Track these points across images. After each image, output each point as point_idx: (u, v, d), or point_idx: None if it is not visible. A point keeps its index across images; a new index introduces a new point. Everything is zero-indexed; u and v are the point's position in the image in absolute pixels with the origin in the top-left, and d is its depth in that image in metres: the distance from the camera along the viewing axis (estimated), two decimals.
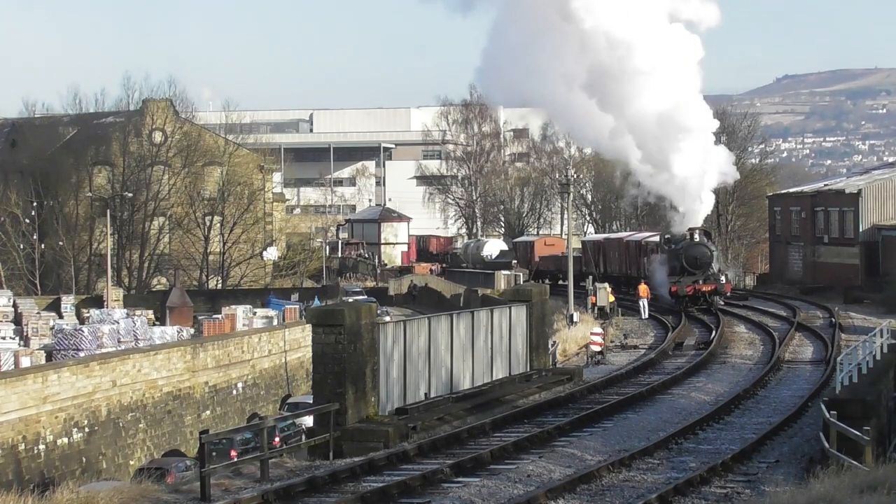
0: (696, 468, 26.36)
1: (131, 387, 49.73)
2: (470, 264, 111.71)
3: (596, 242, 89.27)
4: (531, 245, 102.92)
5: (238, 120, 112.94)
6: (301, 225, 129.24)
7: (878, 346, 35.08)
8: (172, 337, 62.70)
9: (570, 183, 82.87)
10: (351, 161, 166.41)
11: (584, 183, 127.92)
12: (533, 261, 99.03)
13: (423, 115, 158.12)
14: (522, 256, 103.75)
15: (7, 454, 42.51)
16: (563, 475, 26.07)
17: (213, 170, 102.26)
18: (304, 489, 24.86)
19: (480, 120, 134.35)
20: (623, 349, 53.82)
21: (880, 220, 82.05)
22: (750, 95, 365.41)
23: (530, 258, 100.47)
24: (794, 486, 23.39)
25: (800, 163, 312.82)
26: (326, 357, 31.24)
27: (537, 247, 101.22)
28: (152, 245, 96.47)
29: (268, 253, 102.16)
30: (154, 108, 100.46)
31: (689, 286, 64.42)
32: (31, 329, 67.22)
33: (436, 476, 25.65)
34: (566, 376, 42.12)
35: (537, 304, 42.46)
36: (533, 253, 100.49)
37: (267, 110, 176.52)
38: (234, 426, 47.58)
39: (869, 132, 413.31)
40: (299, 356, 62.24)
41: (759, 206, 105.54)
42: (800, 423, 32.67)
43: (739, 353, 49.94)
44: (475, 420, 33.43)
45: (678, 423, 32.50)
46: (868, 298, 71.35)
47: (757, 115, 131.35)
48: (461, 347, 36.74)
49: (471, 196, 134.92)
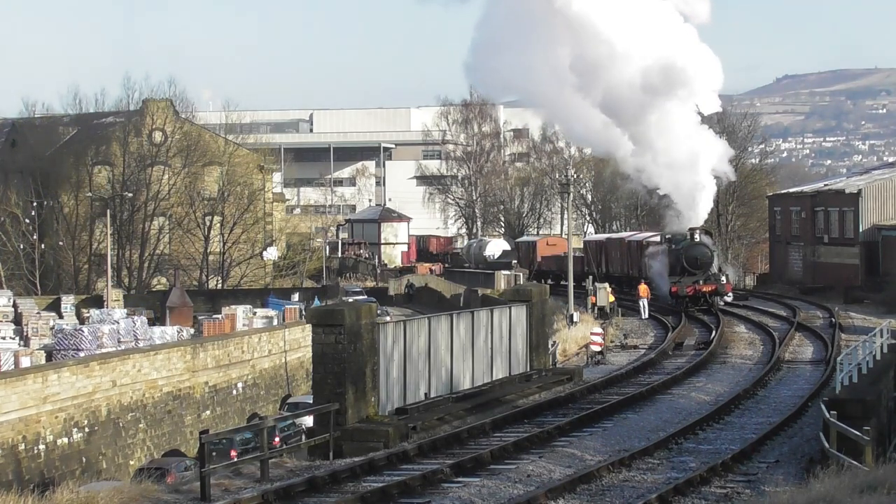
0: (696, 468, 26.36)
1: (131, 387, 49.72)
2: (472, 264, 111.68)
3: (598, 242, 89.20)
4: (533, 245, 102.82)
5: (238, 120, 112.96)
6: (301, 225, 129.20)
7: (878, 346, 35.10)
8: (172, 337, 62.68)
9: (570, 183, 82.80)
10: (351, 161, 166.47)
11: (584, 183, 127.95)
12: (535, 261, 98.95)
13: (423, 115, 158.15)
14: (524, 256, 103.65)
15: (7, 454, 42.50)
16: (563, 475, 26.06)
17: (213, 170, 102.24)
18: (304, 489, 24.86)
19: (480, 120, 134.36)
20: (623, 349, 53.81)
21: (880, 220, 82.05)
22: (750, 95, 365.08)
23: (532, 258, 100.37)
24: (794, 486, 23.39)
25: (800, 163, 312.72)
26: (326, 357, 31.24)
27: (539, 247, 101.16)
28: (152, 245, 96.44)
29: (268, 253, 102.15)
30: (154, 108, 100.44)
31: (689, 287, 64.07)
32: (31, 329, 67.22)
33: (436, 476, 25.65)
34: (566, 376, 42.12)
35: (537, 304, 42.46)
36: (535, 253, 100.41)
37: (267, 110, 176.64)
38: (234, 426, 47.59)
39: (869, 132, 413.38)
40: (299, 356, 62.24)
41: (759, 206, 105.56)
42: (800, 423, 32.67)
43: (739, 353, 49.93)
44: (475, 420, 33.42)
45: (678, 423, 32.49)
46: (868, 298, 71.36)
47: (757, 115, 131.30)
48: (461, 347, 36.74)
49: (471, 196, 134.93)
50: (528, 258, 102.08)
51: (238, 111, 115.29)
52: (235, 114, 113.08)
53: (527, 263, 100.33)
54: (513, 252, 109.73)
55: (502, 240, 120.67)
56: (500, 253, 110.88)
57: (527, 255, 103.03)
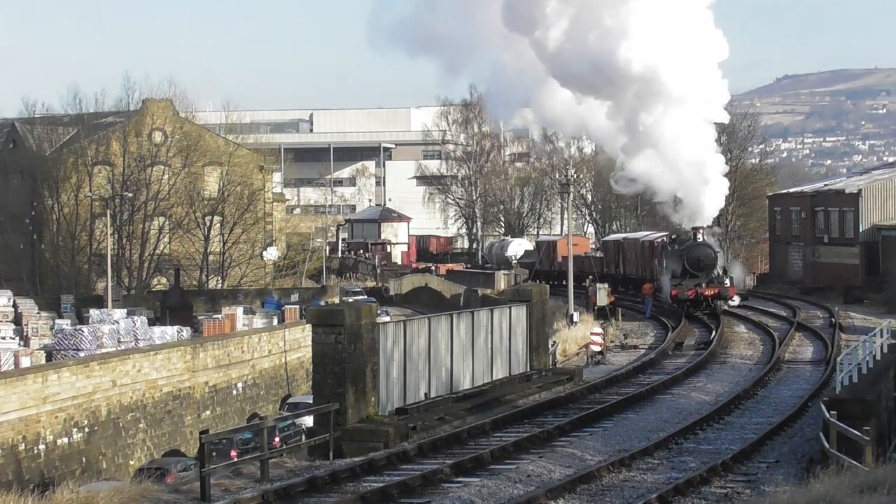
0: (696, 468, 26.37)
1: (131, 387, 49.71)
2: (495, 265, 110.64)
3: (616, 242, 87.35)
4: (553, 245, 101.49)
5: (238, 120, 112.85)
6: (301, 225, 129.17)
7: (878, 346, 35.10)
8: (172, 337, 62.66)
9: (570, 183, 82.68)
10: (351, 161, 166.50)
11: (584, 183, 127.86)
12: (555, 261, 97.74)
13: (423, 115, 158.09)
14: (545, 256, 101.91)
15: (7, 454, 42.50)
16: (563, 475, 26.07)
17: (213, 170, 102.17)
18: (304, 489, 24.86)
19: (480, 120, 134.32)
20: (623, 349, 53.78)
21: (880, 220, 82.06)
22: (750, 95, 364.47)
23: (553, 258, 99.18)
24: (794, 486, 23.39)
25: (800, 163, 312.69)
26: (326, 357, 31.25)
27: (560, 246, 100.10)
28: (152, 245, 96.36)
29: (268, 253, 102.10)
30: (154, 108, 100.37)
31: (689, 289, 60.46)
32: (31, 329, 67.20)
33: (436, 476, 25.65)
34: (566, 376, 42.13)
35: (537, 304, 42.48)
36: (556, 253, 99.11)
37: (267, 110, 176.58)
38: (234, 426, 47.58)
39: (869, 132, 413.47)
40: (299, 356, 62.22)
41: (759, 206, 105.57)
42: (800, 423, 32.68)
43: (739, 353, 49.94)
44: (475, 420, 33.42)
45: (678, 423, 32.50)
46: (868, 298, 71.36)
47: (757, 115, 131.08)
48: (461, 347, 36.74)
49: (471, 196, 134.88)
50: (549, 258, 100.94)
51: (238, 111, 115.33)
52: (235, 114, 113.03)
53: (547, 263, 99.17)
54: (534, 252, 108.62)
55: (525, 240, 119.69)
56: (523, 253, 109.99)
57: (548, 255, 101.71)
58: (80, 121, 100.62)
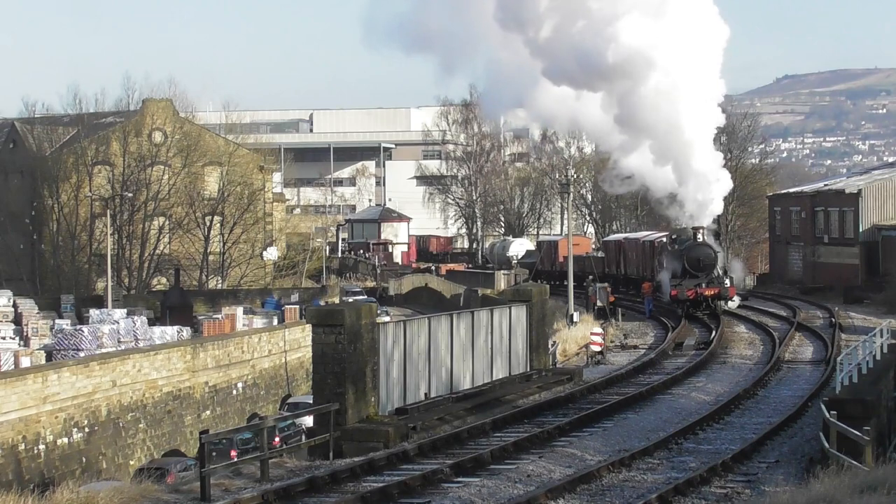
0: (696, 468, 26.36)
1: (131, 387, 49.72)
2: (496, 265, 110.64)
3: (617, 242, 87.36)
4: (555, 245, 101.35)
5: (238, 120, 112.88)
6: (301, 225, 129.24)
7: (878, 346, 35.10)
8: (172, 337, 62.67)
9: (570, 183, 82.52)
10: (351, 161, 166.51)
11: (584, 183, 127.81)
12: (557, 261, 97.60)
13: (423, 115, 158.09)
14: (547, 256, 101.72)
15: (7, 454, 42.50)
16: (563, 475, 26.07)
17: (213, 170, 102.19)
18: (304, 489, 24.86)
19: (480, 120, 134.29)
20: (623, 349, 53.77)
21: (880, 220, 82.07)
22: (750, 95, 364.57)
23: (555, 258, 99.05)
24: (794, 486, 23.39)
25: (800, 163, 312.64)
26: (326, 357, 31.24)
27: (562, 246, 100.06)
28: (152, 245, 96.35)
29: (268, 253, 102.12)
30: (154, 107, 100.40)
31: (689, 290, 60.31)
32: (31, 329, 67.19)
33: (436, 476, 25.65)
34: (566, 376, 42.12)
35: (537, 304, 42.47)
36: (557, 252, 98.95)
37: (267, 110, 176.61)
38: (234, 426, 47.58)
39: (869, 132, 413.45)
40: (299, 356, 62.23)
41: (759, 206, 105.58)
42: (800, 423, 32.68)
43: (739, 353, 49.93)
44: (475, 420, 33.42)
45: (678, 423, 32.50)
46: (868, 298, 71.36)
47: (757, 115, 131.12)
48: (461, 347, 36.74)
49: (471, 196, 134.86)
50: (550, 258, 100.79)
51: (238, 111, 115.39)
52: (235, 114, 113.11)
53: (548, 263, 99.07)
54: (536, 252, 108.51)
55: (526, 239, 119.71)
56: (524, 253, 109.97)
57: (549, 255, 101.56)
58: (80, 121, 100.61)
